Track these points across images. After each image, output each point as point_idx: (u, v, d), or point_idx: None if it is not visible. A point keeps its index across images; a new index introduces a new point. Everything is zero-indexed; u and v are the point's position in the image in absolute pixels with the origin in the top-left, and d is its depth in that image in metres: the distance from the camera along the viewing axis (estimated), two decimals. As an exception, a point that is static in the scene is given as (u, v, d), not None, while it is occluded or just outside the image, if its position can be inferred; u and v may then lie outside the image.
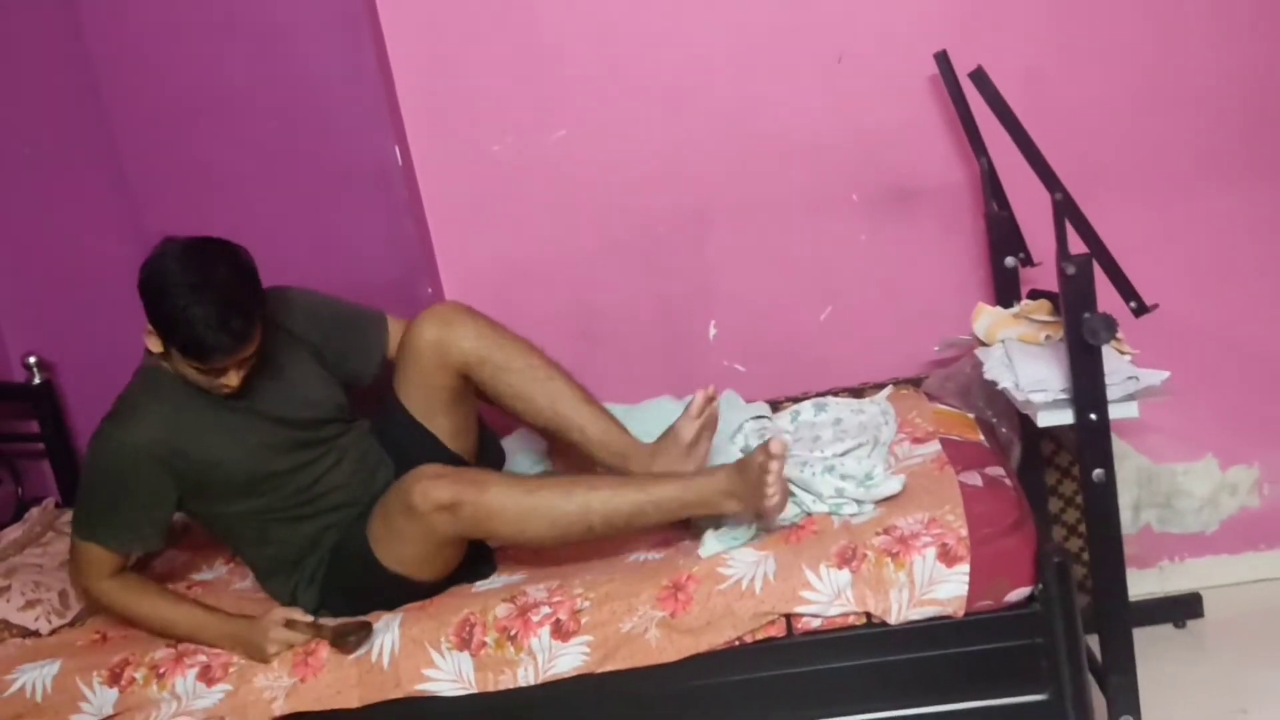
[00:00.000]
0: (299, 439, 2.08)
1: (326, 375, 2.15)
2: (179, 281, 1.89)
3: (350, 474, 2.13)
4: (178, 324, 1.89)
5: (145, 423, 1.98)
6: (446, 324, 2.07)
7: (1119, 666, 1.97)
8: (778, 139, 2.55)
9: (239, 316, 1.89)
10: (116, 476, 1.99)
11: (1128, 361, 2.02)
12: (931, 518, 1.91)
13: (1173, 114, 2.45)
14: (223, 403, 2.01)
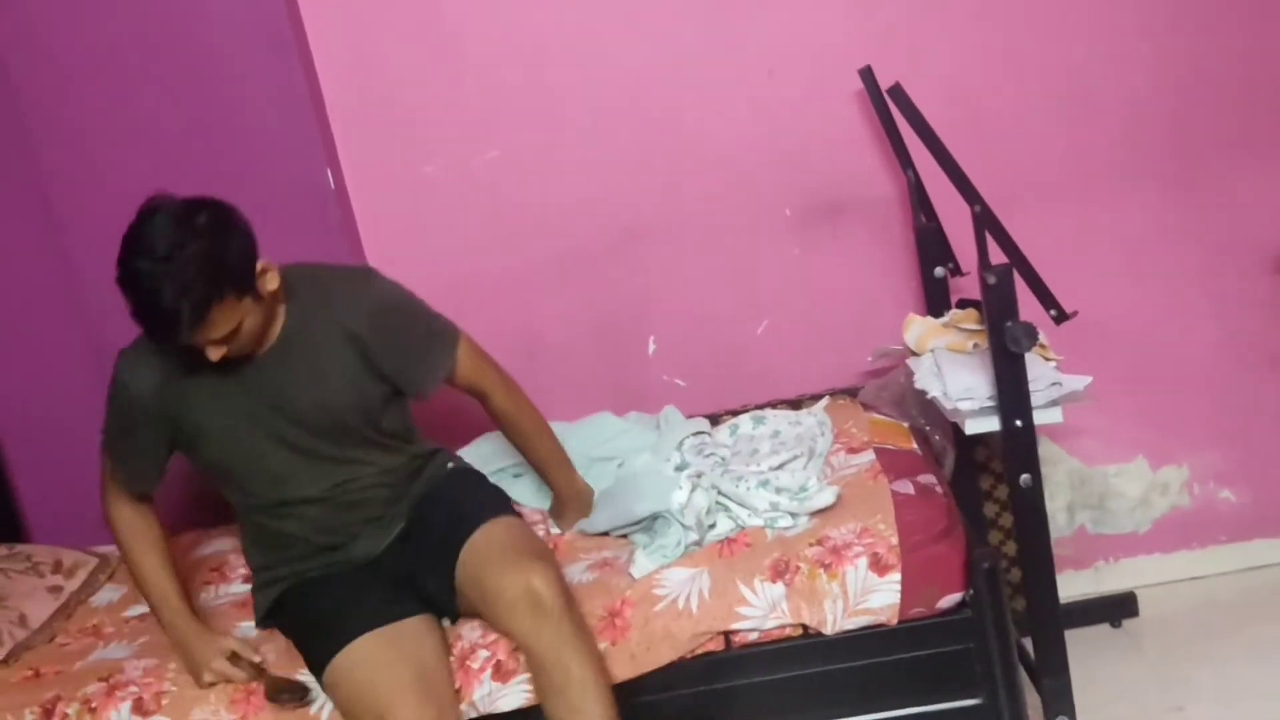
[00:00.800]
0: (291, 437, 1.93)
1: (365, 382, 1.96)
2: (136, 251, 1.75)
3: (359, 500, 1.99)
4: (127, 293, 1.76)
5: (143, 374, 1.90)
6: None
7: (1052, 668, 2.01)
8: (709, 155, 2.57)
9: (187, 301, 1.71)
10: (119, 410, 1.95)
11: (1052, 368, 2.06)
12: (864, 527, 1.94)
13: (1090, 124, 2.50)
14: (226, 373, 1.88)
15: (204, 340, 1.78)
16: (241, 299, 1.79)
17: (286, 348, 1.92)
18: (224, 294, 1.75)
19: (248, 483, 1.98)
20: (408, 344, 2.00)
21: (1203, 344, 2.60)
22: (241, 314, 1.80)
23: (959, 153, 2.08)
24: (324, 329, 1.93)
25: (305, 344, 1.92)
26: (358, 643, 1.84)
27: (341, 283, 1.98)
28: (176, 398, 1.90)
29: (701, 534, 2.02)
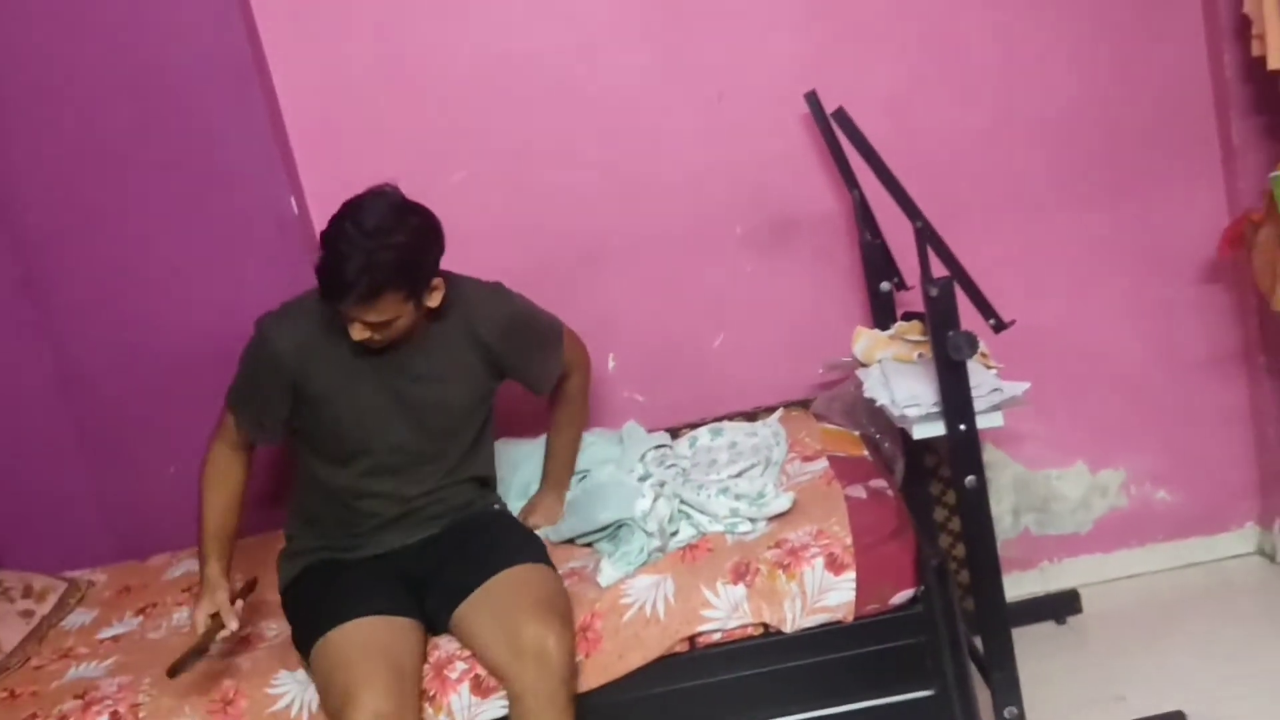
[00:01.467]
0: (403, 430, 2.08)
1: (480, 381, 2.15)
2: (350, 215, 1.93)
3: (420, 505, 2.13)
4: (324, 246, 1.93)
5: (287, 332, 2.04)
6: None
7: (1001, 661, 2.10)
8: (664, 176, 2.66)
9: (368, 272, 1.88)
10: (254, 365, 2.08)
11: (993, 375, 2.17)
12: (819, 529, 2.03)
13: (1025, 144, 2.63)
14: (359, 354, 2.03)
15: (360, 318, 1.94)
16: (409, 300, 1.97)
17: (423, 348, 2.08)
18: (399, 288, 1.93)
19: (343, 458, 2.09)
20: (532, 351, 2.23)
21: (1136, 352, 2.74)
22: (402, 312, 1.96)
23: (901, 172, 2.18)
24: (459, 338, 2.11)
25: (440, 347, 2.09)
26: (347, 625, 1.92)
27: (479, 296, 2.16)
28: (313, 361, 2.04)
29: (664, 540, 2.10)
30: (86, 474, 2.76)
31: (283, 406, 2.09)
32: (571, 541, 2.27)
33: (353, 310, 1.94)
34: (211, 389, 2.42)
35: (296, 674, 2.00)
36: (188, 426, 2.64)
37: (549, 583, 2.02)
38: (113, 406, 2.73)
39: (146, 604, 2.45)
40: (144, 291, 2.69)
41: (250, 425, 2.13)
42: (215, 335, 2.48)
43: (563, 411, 2.40)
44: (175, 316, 2.69)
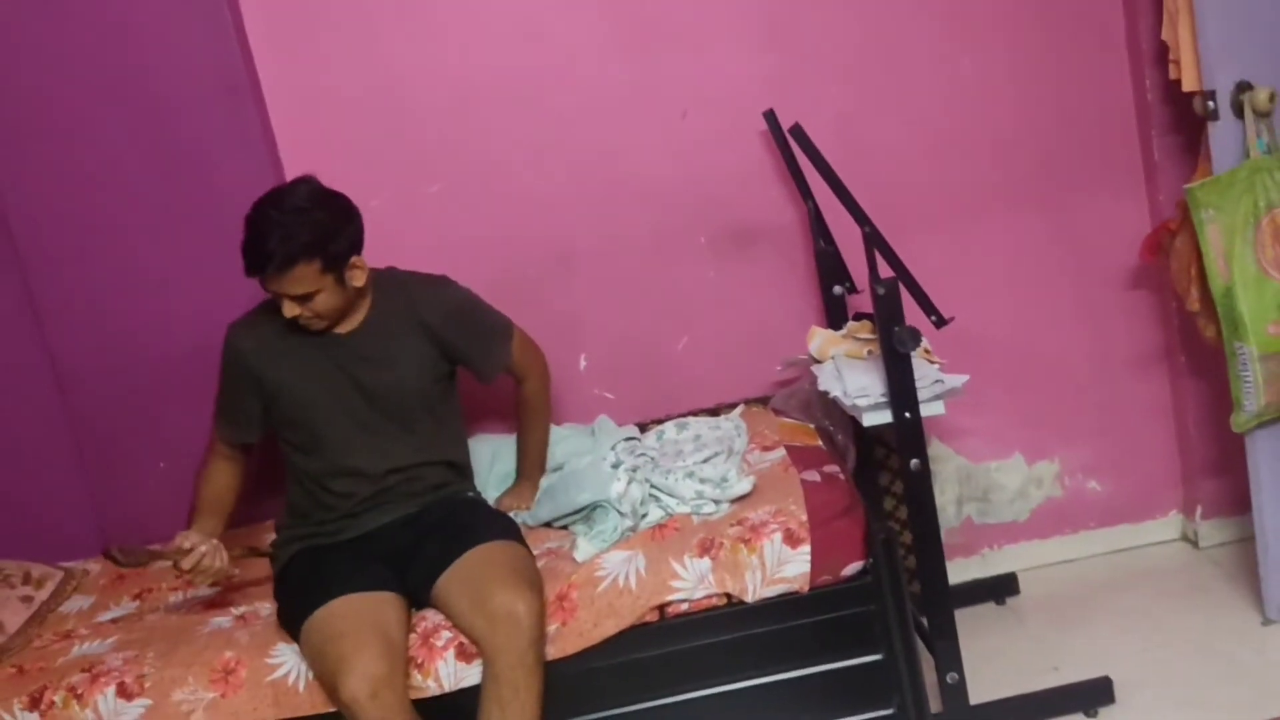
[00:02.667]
0: (359, 411, 2.26)
1: (430, 368, 2.32)
2: (269, 198, 2.17)
3: (394, 485, 2.29)
4: (246, 227, 2.15)
5: (246, 334, 2.30)
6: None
7: (943, 631, 2.30)
8: (632, 188, 2.84)
9: (284, 242, 2.10)
10: (224, 367, 2.33)
11: (936, 369, 2.37)
12: (777, 509, 2.21)
13: (966, 158, 2.85)
14: (315, 345, 2.25)
15: (282, 291, 2.15)
16: (325, 273, 2.16)
17: (369, 332, 2.29)
18: (312, 259, 2.13)
19: (310, 444, 2.27)
20: (475, 338, 2.41)
21: (1069, 351, 2.95)
22: (320, 285, 2.17)
23: (851, 185, 2.37)
24: (403, 321, 2.31)
25: (386, 332, 2.30)
26: (334, 603, 2.07)
27: (422, 285, 2.38)
28: (269, 359, 2.27)
29: (636, 521, 2.27)
30: (79, 469, 2.86)
31: (254, 402, 2.31)
32: (549, 525, 2.44)
33: (272, 282, 2.15)
34: (198, 389, 2.58)
35: (294, 646, 2.14)
36: (176, 424, 2.80)
37: (519, 556, 2.19)
38: (105, 406, 2.84)
39: (141, 589, 2.57)
40: (135, 297, 2.80)
41: (228, 424, 2.35)
42: (201, 338, 2.60)
43: (525, 415, 2.58)
44: (164, 321, 2.81)
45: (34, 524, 2.87)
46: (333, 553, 2.25)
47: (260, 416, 2.33)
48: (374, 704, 1.96)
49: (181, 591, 2.52)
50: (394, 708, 1.98)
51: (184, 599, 2.49)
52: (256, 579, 2.44)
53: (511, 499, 2.54)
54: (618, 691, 2.17)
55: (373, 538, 2.28)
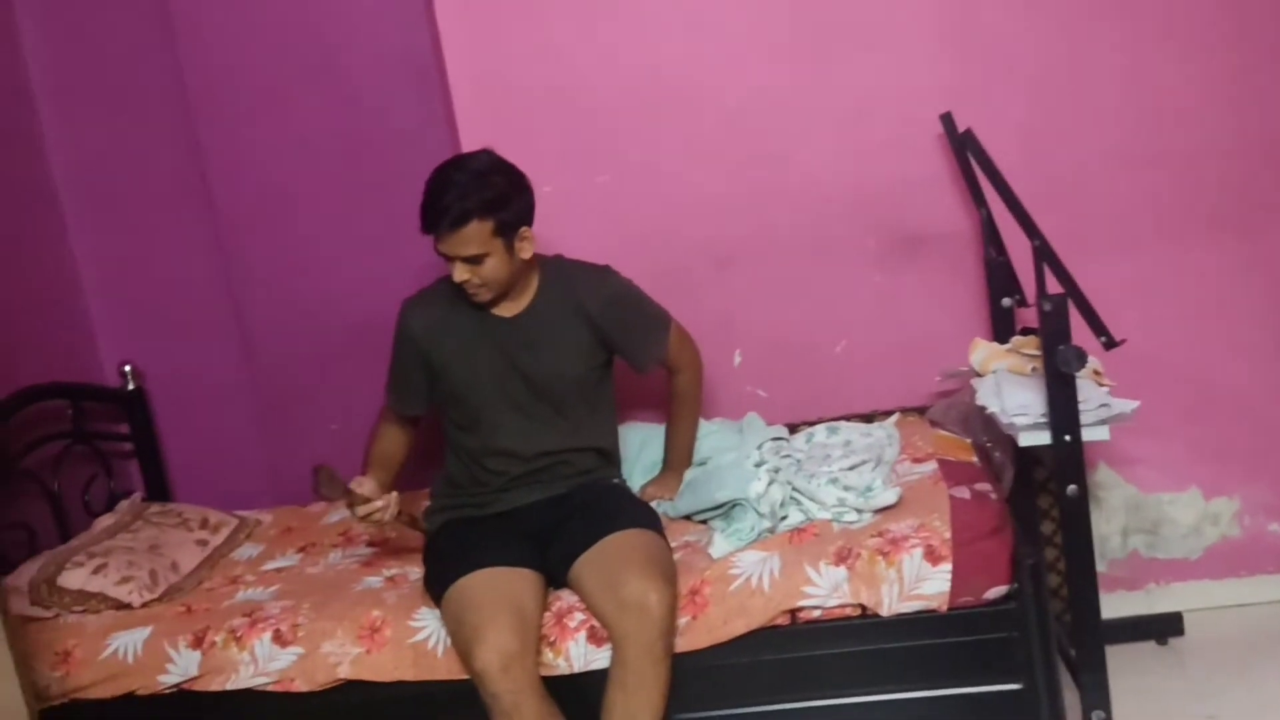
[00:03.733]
0: (518, 395, 2.34)
1: (589, 356, 2.39)
2: (450, 162, 2.29)
3: (545, 467, 2.37)
4: (426, 186, 2.24)
5: (419, 313, 2.39)
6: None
7: (1091, 664, 2.19)
8: (798, 188, 2.81)
9: (457, 198, 2.19)
10: (396, 342, 2.43)
11: (1104, 392, 2.25)
12: (921, 523, 2.16)
13: (1155, 171, 2.69)
14: (481, 327, 2.34)
15: (453, 251, 2.22)
16: (495, 237, 2.22)
17: (533, 318, 2.36)
18: (485, 219, 2.20)
19: (469, 422, 2.37)
20: (634, 328, 2.44)
21: (1257, 382, 2.76)
22: (489, 249, 2.23)
23: (1027, 196, 2.29)
24: (566, 309, 2.37)
25: (549, 318, 2.36)
26: (477, 573, 2.15)
27: (586, 274, 2.43)
28: (438, 338, 2.36)
29: (774, 523, 2.26)
30: (259, 428, 3.07)
31: (421, 378, 2.40)
32: (688, 518, 2.45)
33: (445, 241, 2.21)
34: (369, 358, 2.71)
35: (436, 612, 2.22)
36: (349, 389, 2.96)
37: (656, 546, 2.21)
38: (285, 370, 3.04)
39: (306, 543, 2.73)
40: (317, 270, 2.98)
41: (398, 396, 2.45)
42: (375, 311, 2.72)
43: (676, 406, 2.60)
44: (342, 293, 2.98)
45: (215, 475, 3.09)
46: (480, 525, 2.33)
47: (427, 391, 2.43)
48: (504, 676, 2.02)
49: (340, 549, 2.66)
50: (523, 682, 2.04)
51: (342, 556, 2.62)
52: (409, 545, 2.54)
53: (656, 488, 2.57)
54: (743, 691, 2.16)
55: (519, 514, 2.34)
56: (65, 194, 3.01)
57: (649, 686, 2.05)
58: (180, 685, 2.26)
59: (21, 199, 2.90)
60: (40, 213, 2.96)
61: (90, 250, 3.04)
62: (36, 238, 2.94)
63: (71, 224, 3.03)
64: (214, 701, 2.25)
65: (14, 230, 2.86)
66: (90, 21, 2.95)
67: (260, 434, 3.06)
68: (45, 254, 2.96)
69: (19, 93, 2.94)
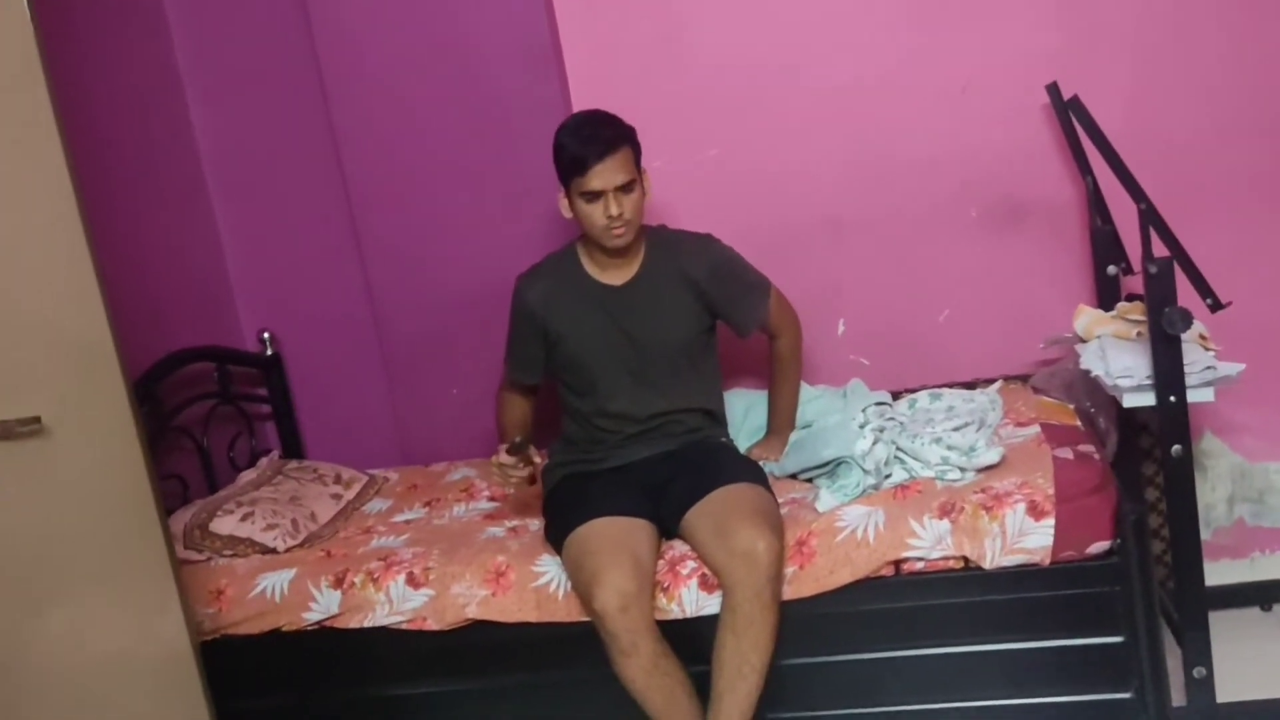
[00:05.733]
0: (628, 360, 2.46)
1: (694, 321, 2.50)
2: (563, 125, 2.42)
3: (656, 428, 2.49)
4: (559, 150, 2.37)
5: (534, 287, 2.52)
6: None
7: (1193, 622, 2.23)
8: (904, 159, 2.88)
9: (606, 127, 2.35)
10: (514, 316, 2.56)
11: (1210, 355, 2.28)
12: (1024, 481, 2.22)
13: (1263, 138, 2.70)
14: (592, 297, 2.47)
15: (605, 181, 2.33)
16: (636, 165, 2.39)
17: (640, 286, 2.48)
18: (631, 146, 2.37)
19: (584, 387, 2.50)
20: (736, 294, 2.55)
21: (1370, 352, 2.75)
22: (634, 176, 2.37)
23: (1134, 164, 2.32)
24: (671, 276, 2.48)
25: (655, 286, 2.48)
26: (595, 522, 2.28)
27: (689, 242, 2.55)
28: (553, 310, 2.49)
29: (879, 480, 2.34)
30: (387, 391, 3.25)
31: (538, 348, 2.53)
32: (794, 477, 2.55)
33: (597, 170, 2.31)
34: (489, 326, 2.85)
35: (557, 559, 2.36)
36: (470, 355, 3.11)
37: (764, 499, 2.31)
38: (411, 337, 3.20)
39: (431, 499, 2.89)
40: (441, 242, 3.12)
41: (516, 367, 2.59)
42: (494, 282, 2.86)
43: (778, 371, 2.70)
44: (464, 265, 3.12)
45: (346, 435, 3.28)
46: (596, 479, 2.46)
47: (543, 361, 2.56)
48: (622, 616, 2.15)
49: (463, 504, 2.82)
50: (639, 622, 2.17)
51: (466, 510, 2.78)
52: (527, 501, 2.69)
53: (761, 450, 2.67)
54: (848, 639, 2.26)
55: (632, 469, 2.47)
56: (210, 173, 3.23)
57: (758, 630, 2.16)
58: (322, 622, 2.44)
59: (172, 179, 3.13)
60: (189, 191, 3.18)
61: (233, 226, 3.25)
62: (185, 215, 3.16)
63: (216, 202, 3.24)
64: (352, 638, 2.42)
65: (166, 208, 3.08)
66: (233, 10, 3.15)
67: (387, 398, 3.24)
68: (193, 230, 3.18)
69: (169, 80, 3.15)
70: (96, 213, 1.98)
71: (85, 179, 1.97)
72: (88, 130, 2.70)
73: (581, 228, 2.45)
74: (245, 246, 3.26)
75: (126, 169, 2.94)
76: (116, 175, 2.89)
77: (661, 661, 2.20)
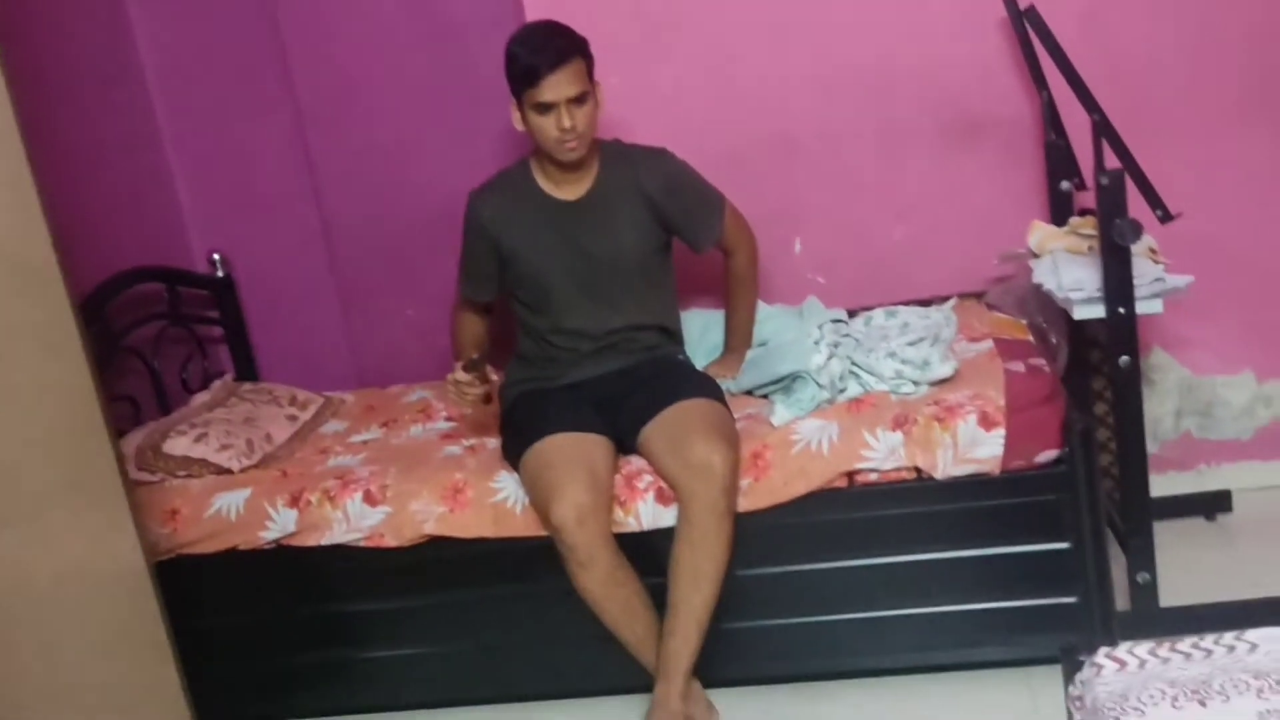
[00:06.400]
0: (581, 274, 2.44)
1: (648, 236, 2.48)
2: (514, 35, 2.37)
3: (613, 344, 2.48)
4: (510, 60, 2.33)
5: (486, 202, 2.49)
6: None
7: (1137, 530, 2.28)
8: (861, 75, 2.86)
9: (558, 37, 2.31)
10: (466, 233, 2.54)
11: (1160, 269, 2.31)
12: (975, 393, 2.25)
13: (1222, 54, 2.70)
14: (546, 212, 2.44)
15: (558, 93, 2.29)
16: (589, 77, 2.35)
17: (594, 201, 2.45)
18: (583, 57, 2.33)
19: (539, 303, 2.48)
20: (690, 209, 2.53)
21: (1317, 268, 2.79)
22: (587, 88, 2.33)
23: (1091, 77, 2.30)
24: (625, 190, 2.46)
25: (609, 200, 2.46)
26: (552, 437, 2.29)
27: (643, 156, 2.51)
28: (504, 224, 2.47)
29: (833, 394, 2.36)
30: (340, 314, 3.22)
31: (491, 265, 2.51)
32: (750, 393, 2.56)
33: (549, 83, 2.27)
34: (443, 246, 2.82)
35: (514, 476, 2.37)
36: (424, 276, 3.09)
37: (719, 413, 2.33)
38: (364, 257, 3.17)
39: (388, 419, 2.89)
40: (397, 161, 3.09)
41: (470, 284, 2.57)
42: (449, 202, 2.82)
43: (733, 288, 2.70)
44: (418, 184, 3.09)
45: (301, 358, 3.26)
46: (552, 396, 2.46)
47: (497, 277, 2.54)
48: (580, 529, 2.17)
49: (420, 424, 2.82)
50: (596, 535, 2.19)
51: (423, 430, 2.78)
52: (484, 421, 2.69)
53: (718, 368, 2.68)
54: (803, 550, 2.29)
55: (589, 385, 2.47)
56: (156, 91, 3.14)
57: (713, 542, 2.19)
58: (279, 541, 2.44)
59: (115, 95, 3.04)
60: (133, 108, 3.10)
61: (180, 145, 3.18)
62: (131, 132, 3.08)
63: (163, 120, 3.16)
64: (310, 556, 2.43)
65: (109, 125, 3.00)
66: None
67: (342, 320, 3.22)
68: (139, 148, 3.11)
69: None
70: (38, 130, 1.92)
71: (24, 94, 1.91)
72: (26, 45, 2.62)
73: (534, 141, 2.41)
74: (194, 167, 3.19)
75: (69, 85, 2.85)
76: (59, 92, 2.81)
77: (618, 573, 2.22)
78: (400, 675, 2.47)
